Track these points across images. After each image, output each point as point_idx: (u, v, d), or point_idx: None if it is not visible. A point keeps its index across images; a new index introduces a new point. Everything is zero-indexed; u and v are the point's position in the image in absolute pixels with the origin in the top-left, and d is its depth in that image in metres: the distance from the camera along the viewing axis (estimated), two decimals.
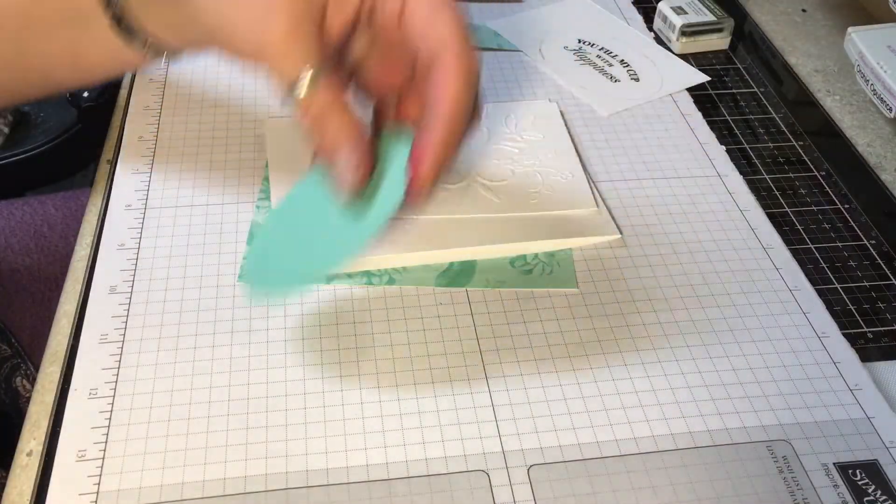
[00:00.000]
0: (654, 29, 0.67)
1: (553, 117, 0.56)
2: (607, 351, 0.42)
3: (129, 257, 0.46)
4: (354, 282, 0.45)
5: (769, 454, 0.38)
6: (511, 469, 0.37)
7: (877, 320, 0.45)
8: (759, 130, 0.58)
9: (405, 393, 0.40)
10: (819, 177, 0.54)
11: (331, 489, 0.36)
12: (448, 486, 0.36)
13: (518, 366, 0.41)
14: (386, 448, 0.37)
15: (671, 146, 0.55)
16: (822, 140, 0.57)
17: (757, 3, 0.72)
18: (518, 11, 0.68)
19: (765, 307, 0.44)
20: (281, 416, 0.38)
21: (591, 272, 0.46)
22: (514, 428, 0.38)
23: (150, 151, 0.52)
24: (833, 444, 0.38)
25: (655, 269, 0.46)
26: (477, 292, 0.45)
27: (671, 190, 0.52)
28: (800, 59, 0.66)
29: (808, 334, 0.43)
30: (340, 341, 0.42)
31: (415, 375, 0.40)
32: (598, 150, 0.54)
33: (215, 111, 0.56)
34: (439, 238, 0.46)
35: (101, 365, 0.40)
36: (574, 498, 0.36)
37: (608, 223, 0.49)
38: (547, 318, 0.43)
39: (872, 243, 0.50)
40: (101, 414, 0.38)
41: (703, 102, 0.60)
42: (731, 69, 0.64)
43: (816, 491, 0.36)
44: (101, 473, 0.36)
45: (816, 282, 0.46)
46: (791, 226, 0.50)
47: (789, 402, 0.40)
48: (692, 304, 0.44)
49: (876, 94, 0.56)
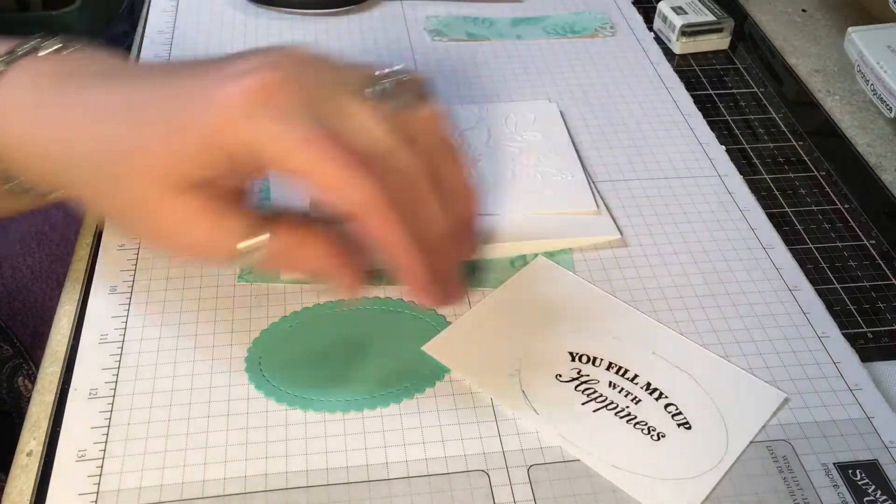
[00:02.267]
0: (654, 29, 0.67)
1: (553, 117, 0.56)
2: None
3: (130, 257, 0.46)
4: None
5: (769, 454, 0.38)
6: (511, 469, 0.37)
7: (877, 320, 0.45)
8: (759, 130, 0.58)
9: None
10: (819, 177, 0.54)
11: (331, 489, 0.36)
12: (448, 486, 0.36)
13: None
14: (386, 448, 0.37)
15: (671, 146, 0.55)
16: (822, 140, 0.57)
17: (757, 3, 0.72)
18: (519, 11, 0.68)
19: (765, 307, 0.44)
20: (281, 416, 0.38)
21: (591, 272, 0.46)
22: (514, 428, 0.38)
23: None
24: (833, 444, 0.38)
25: (655, 269, 0.46)
26: (477, 292, 0.45)
27: (671, 190, 0.52)
28: (800, 59, 0.66)
29: (808, 334, 0.43)
30: None
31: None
32: (598, 150, 0.54)
33: None
34: None
35: (101, 365, 0.40)
36: (574, 498, 0.36)
37: (608, 223, 0.49)
38: None
39: (872, 243, 0.50)
40: (101, 414, 0.38)
41: (703, 102, 0.60)
42: (731, 69, 0.64)
43: (816, 491, 0.36)
44: (101, 473, 0.36)
45: (816, 282, 0.46)
46: (791, 226, 0.50)
47: (789, 401, 0.40)
48: (692, 304, 0.44)
49: (876, 94, 0.56)
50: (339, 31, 0.65)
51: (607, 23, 0.67)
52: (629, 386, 0.40)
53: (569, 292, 0.45)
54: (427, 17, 0.67)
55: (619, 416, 0.39)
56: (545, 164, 0.52)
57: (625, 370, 0.40)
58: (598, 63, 0.63)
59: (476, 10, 0.68)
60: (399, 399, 0.39)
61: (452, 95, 0.58)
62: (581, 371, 0.40)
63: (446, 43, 0.64)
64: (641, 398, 0.39)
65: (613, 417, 0.39)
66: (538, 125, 0.56)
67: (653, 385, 0.40)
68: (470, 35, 0.65)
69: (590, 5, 0.70)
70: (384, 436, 0.38)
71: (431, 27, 0.66)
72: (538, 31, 0.66)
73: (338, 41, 0.64)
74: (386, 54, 0.63)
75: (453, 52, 0.63)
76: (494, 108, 0.57)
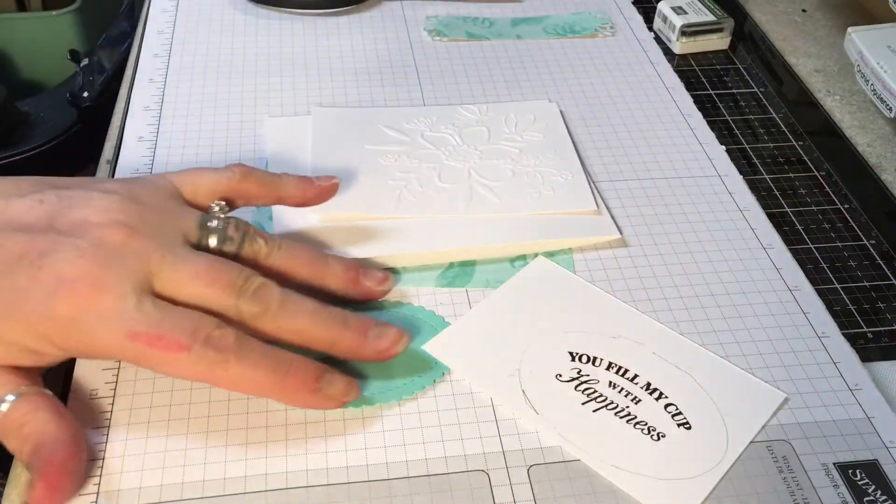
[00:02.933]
0: (654, 29, 0.67)
1: (553, 117, 0.56)
2: None
3: None
4: None
5: (769, 454, 0.38)
6: (511, 469, 0.37)
7: (877, 320, 0.45)
8: (759, 130, 0.58)
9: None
10: (819, 177, 0.54)
11: (331, 489, 0.36)
12: (448, 486, 0.36)
13: None
14: (386, 448, 0.37)
15: (671, 146, 0.55)
16: (822, 140, 0.57)
17: (757, 3, 0.72)
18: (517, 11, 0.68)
19: (765, 307, 0.44)
20: (281, 416, 0.38)
21: (591, 272, 0.46)
22: (514, 428, 0.38)
23: (150, 151, 0.53)
24: (833, 444, 0.38)
25: (655, 269, 0.46)
26: (477, 292, 0.45)
27: (671, 190, 0.52)
28: (800, 59, 0.66)
29: (808, 334, 0.43)
30: None
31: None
32: (597, 150, 0.54)
33: (215, 111, 0.56)
34: (439, 238, 0.46)
35: (101, 365, 0.40)
36: (574, 498, 0.36)
37: (608, 223, 0.49)
38: None
39: (872, 243, 0.50)
40: (101, 414, 0.38)
41: (703, 102, 0.60)
42: (731, 69, 0.64)
43: (816, 491, 0.36)
44: (101, 473, 0.36)
45: (816, 282, 0.46)
46: (791, 226, 0.50)
47: (789, 401, 0.40)
48: (692, 304, 0.44)
49: (876, 94, 0.56)
50: (339, 31, 0.65)
51: (607, 23, 0.67)
52: (629, 386, 0.40)
53: (569, 292, 0.45)
54: (427, 17, 0.67)
55: (619, 415, 0.39)
56: (545, 164, 0.52)
57: (625, 370, 0.40)
58: (598, 63, 0.63)
59: (476, 10, 0.68)
60: (399, 396, 0.39)
61: (452, 95, 0.58)
62: (581, 371, 0.40)
63: (446, 43, 0.64)
64: (641, 398, 0.39)
65: (613, 417, 0.39)
66: (538, 125, 0.56)
67: (653, 385, 0.40)
68: (470, 35, 0.65)
69: (590, 5, 0.70)
70: (384, 436, 0.38)
71: (431, 27, 0.66)
72: (538, 31, 0.66)
73: (338, 41, 0.64)
74: (386, 54, 0.63)
75: (453, 52, 0.63)
76: (494, 108, 0.57)
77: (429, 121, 0.55)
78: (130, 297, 0.34)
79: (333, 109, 0.56)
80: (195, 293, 0.36)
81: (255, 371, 0.35)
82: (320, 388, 0.37)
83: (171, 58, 0.61)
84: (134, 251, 0.35)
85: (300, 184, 0.44)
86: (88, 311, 0.34)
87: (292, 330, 0.37)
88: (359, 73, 0.60)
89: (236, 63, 0.61)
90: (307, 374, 0.37)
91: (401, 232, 0.47)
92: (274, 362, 0.36)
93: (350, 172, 0.50)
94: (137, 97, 0.57)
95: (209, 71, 0.60)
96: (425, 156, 0.52)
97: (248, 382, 0.36)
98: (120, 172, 0.51)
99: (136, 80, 0.59)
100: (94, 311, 0.34)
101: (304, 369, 0.37)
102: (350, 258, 0.44)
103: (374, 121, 0.55)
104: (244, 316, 0.36)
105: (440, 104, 0.58)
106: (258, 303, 0.36)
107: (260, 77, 0.60)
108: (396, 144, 0.53)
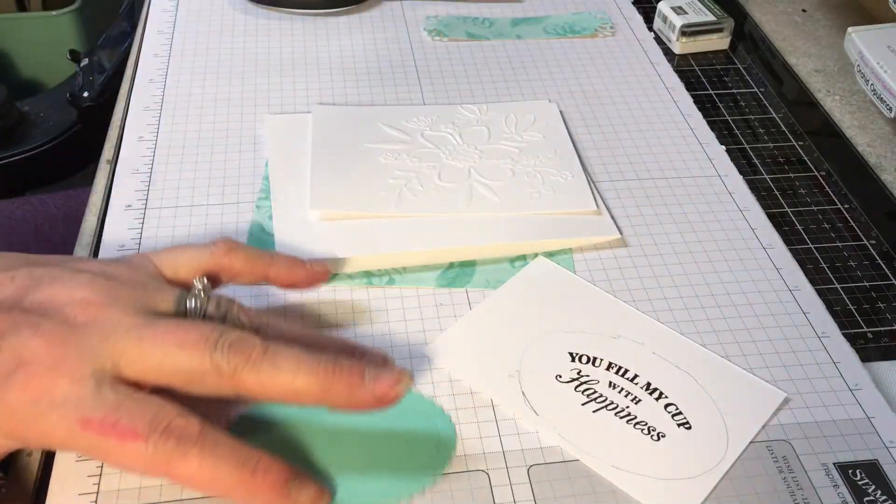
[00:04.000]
0: (654, 29, 0.67)
1: (553, 117, 0.56)
2: None
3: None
4: (354, 282, 0.45)
5: (769, 454, 0.38)
6: (511, 469, 0.37)
7: (877, 320, 0.45)
8: (759, 130, 0.58)
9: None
10: (819, 177, 0.54)
11: None
12: (448, 486, 0.36)
13: None
14: None
15: (671, 146, 0.55)
16: (822, 140, 0.57)
17: (757, 3, 0.72)
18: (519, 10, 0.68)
19: (765, 307, 0.44)
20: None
21: (591, 272, 0.46)
22: (514, 428, 0.38)
23: (150, 151, 0.53)
24: (833, 444, 0.38)
25: (655, 269, 0.46)
26: (477, 292, 0.45)
27: (671, 190, 0.52)
28: (800, 59, 0.66)
29: (808, 334, 0.43)
30: None
31: (415, 376, 0.40)
32: (597, 150, 0.54)
33: (215, 111, 0.56)
34: (439, 238, 0.46)
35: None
36: (574, 498, 0.36)
37: (608, 223, 0.49)
38: None
39: (872, 243, 0.50)
40: None
41: (703, 102, 0.60)
42: (731, 69, 0.64)
43: (816, 491, 0.36)
44: (101, 473, 0.36)
45: (816, 282, 0.46)
46: (791, 226, 0.50)
47: (789, 401, 0.40)
48: (692, 304, 0.44)
49: (876, 94, 0.56)
50: (339, 31, 0.65)
51: (607, 23, 0.67)
52: (629, 386, 0.40)
53: (569, 292, 0.45)
54: (427, 17, 0.67)
55: (619, 416, 0.39)
56: (545, 164, 0.52)
57: (625, 370, 0.40)
58: (598, 63, 0.63)
59: (476, 10, 0.68)
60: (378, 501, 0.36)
61: (452, 95, 0.58)
62: (581, 371, 0.40)
63: (446, 43, 0.64)
64: (641, 398, 0.39)
65: (613, 417, 0.38)
66: (538, 125, 0.56)
67: (653, 385, 0.40)
68: (470, 35, 0.65)
69: (590, 5, 0.70)
70: None
71: (431, 27, 0.66)
72: (538, 31, 0.66)
73: (338, 41, 0.64)
74: (386, 54, 0.63)
75: (453, 52, 0.63)
76: (494, 108, 0.57)
77: (429, 120, 0.55)
78: (88, 382, 0.32)
79: (333, 107, 0.56)
80: (164, 360, 0.33)
81: (217, 466, 0.32)
82: (289, 494, 0.33)
83: (171, 58, 0.61)
84: (98, 326, 0.33)
85: (291, 265, 0.41)
86: (42, 396, 0.31)
87: (278, 382, 0.33)
88: (359, 73, 0.60)
89: (236, 63, 0.61)
90: (278, 474, 0.33)
91: (401, 231, 0.47)
92: (241, 457, 0.32)
93: (350, 170, 0.50)
94: (137, 97, 0.57)
95: (209, 71, 0.60)
96: (425, 155, 0.52)
97: (209, 479, 0.32)
98: (120, 172, 0.51)
99: (136, 80, 0.59)
100: (47, 396, 0.31)
101: (274, 469, 0.33)
102: (352, 344, 0.40)
103: (375, 119, 0.55)
104: (223, 371, 0.33)
105: (440, 104, 0.58)
106: (236, 354, 0.33)
107: (260, 77, 0.60)
108: (396, 143, 0.53)
